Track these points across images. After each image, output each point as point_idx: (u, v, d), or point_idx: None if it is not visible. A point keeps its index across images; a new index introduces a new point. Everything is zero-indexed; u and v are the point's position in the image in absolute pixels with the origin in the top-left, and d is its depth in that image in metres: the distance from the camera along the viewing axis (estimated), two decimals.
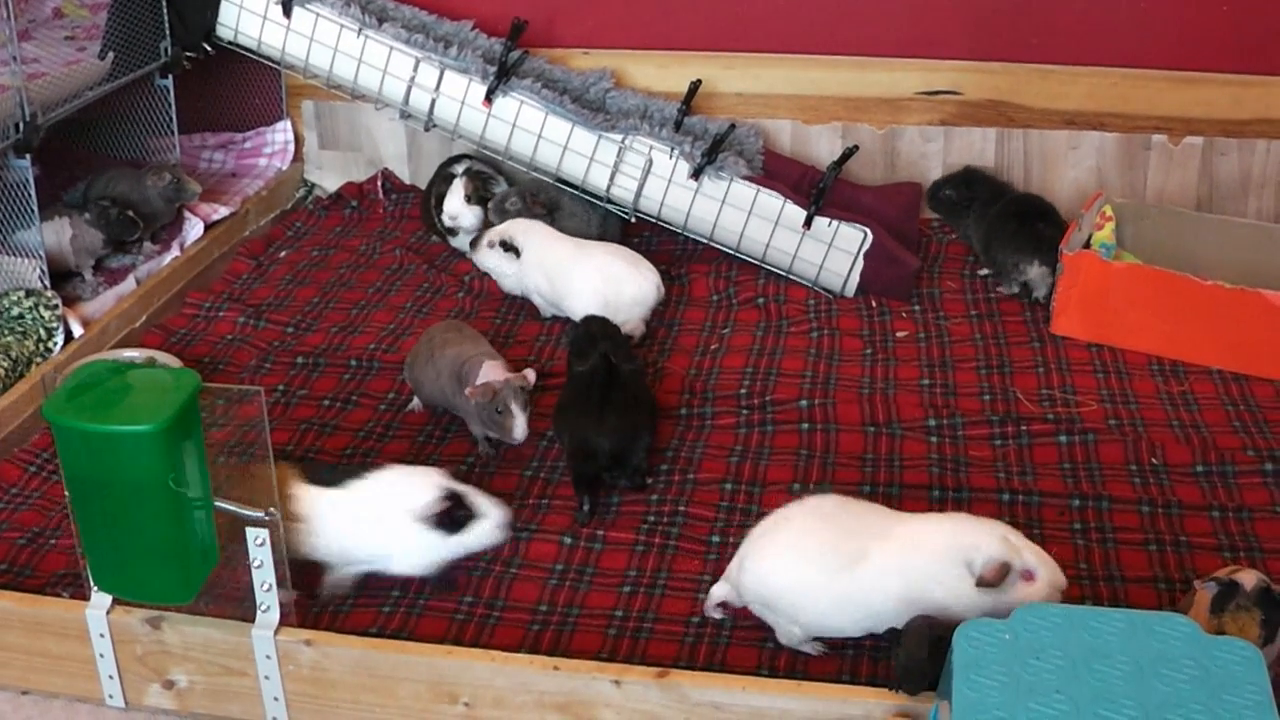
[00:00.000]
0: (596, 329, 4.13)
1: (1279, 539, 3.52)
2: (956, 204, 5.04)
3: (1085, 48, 5.12)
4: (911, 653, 2.76)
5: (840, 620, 3.08)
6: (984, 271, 4.89)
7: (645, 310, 4.56)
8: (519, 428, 3.73)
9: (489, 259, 4.73)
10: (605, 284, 4.51)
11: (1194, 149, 5.07)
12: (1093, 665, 2.39)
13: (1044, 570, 2.93)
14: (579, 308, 4.46)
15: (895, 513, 3.17)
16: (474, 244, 4.79)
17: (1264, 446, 3.86)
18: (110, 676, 3.18)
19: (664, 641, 3.25)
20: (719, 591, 3.28)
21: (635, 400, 3.82)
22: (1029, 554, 2.95)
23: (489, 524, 3.29)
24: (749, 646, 3.21)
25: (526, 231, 4.71)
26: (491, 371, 3.80)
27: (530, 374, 3.79)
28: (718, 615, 3.29)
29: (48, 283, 4.46)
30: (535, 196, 4.89)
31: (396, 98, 5.00)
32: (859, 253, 4.71)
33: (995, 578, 2.88)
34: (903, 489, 3.76)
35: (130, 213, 4.83)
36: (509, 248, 4.65)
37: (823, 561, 3.05)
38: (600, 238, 4.98)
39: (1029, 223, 4.77)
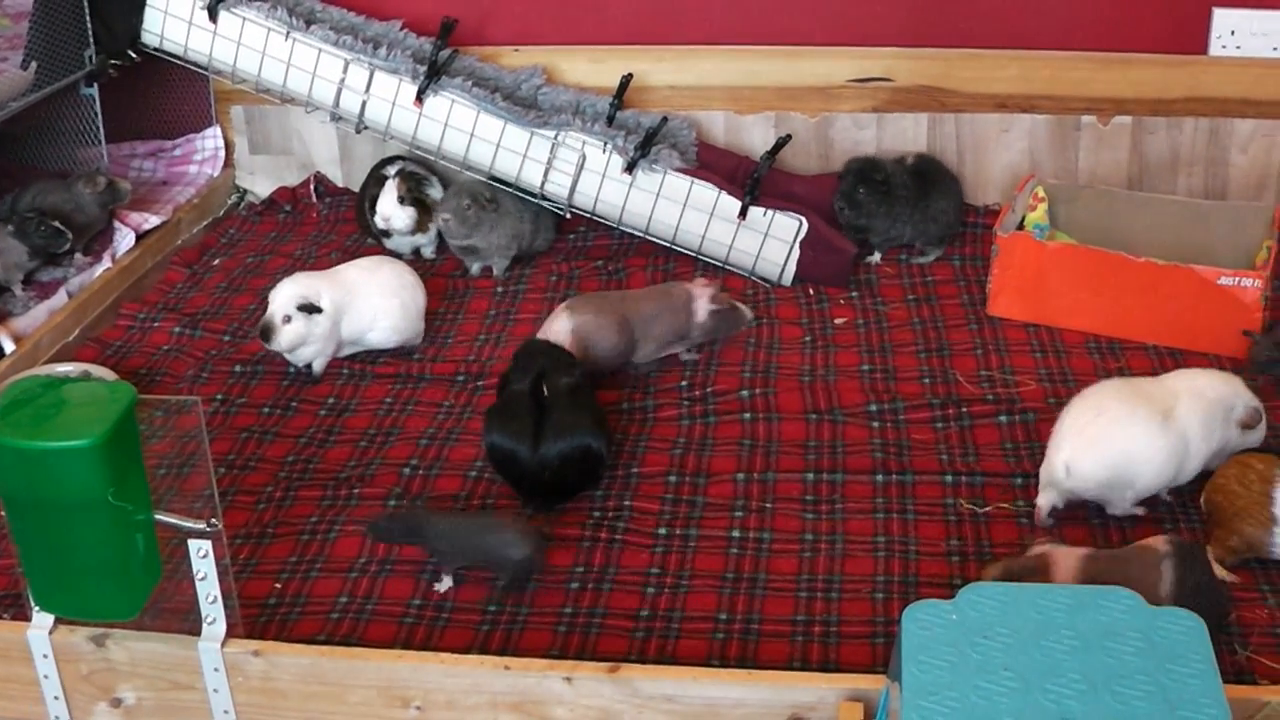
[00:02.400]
0: (538, 343, 4.04)
1: None
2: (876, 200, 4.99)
3: (1015, 31, 5.15)
4: None
5: (1166, 476, 3.49)
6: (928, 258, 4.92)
7: None
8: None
9: (290, 336, 4.24)
10: (408, 297, 4.48)
11: (1124, 129, 5.10)
12: (1040, 641, 2.40)
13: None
14: (386, 333, 4.45)
15: (1152, 377, 3.70)
16: (266, 337, 4.24)
17: None
18: (55, 697, 3.14)
19: (614, 636, 3.25)
20: (1046, 501, 3.51)
21: (573, 421, 3.74)
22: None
23: None
24: (699, 639, 3.21)
25: (316, 280, 4.41)
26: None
27: None
28: (1050, 523, 3.52)
29: None
30: (484, 196, 4.86)
31: (327, 100, 4.97)
32: (795, 241, 4.71)
33: (1254, 420, 3.54)
34: (846, 475, 3.77)
35: (57, 223, 4.77)
36: (312, 309, 4.27)
37: (1150, 426, 3.44)
38: (533, 235, 4.98)
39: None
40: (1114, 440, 3.44)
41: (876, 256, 4.91)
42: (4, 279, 4.70)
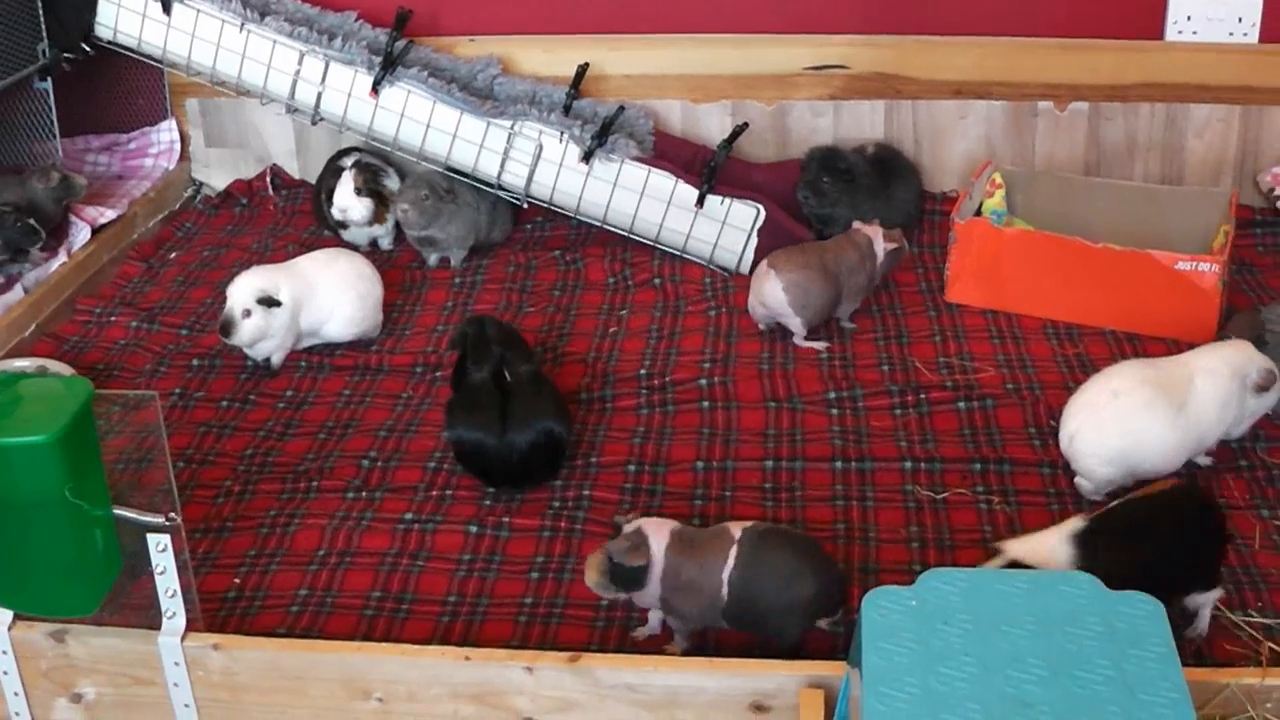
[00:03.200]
0: (492, 332, 3.96)
1: None
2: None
3: (970, 18, 5.16)
4: None
5: (1176, 462, 3.57)
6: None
7: None
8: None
9: (250, 331, 4.22)
10: (365, 289, 4.47)
11: (1080, 115, 5.12)
12: (1000, 627, 2.40)
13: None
14: (343, 325, 4.44)
15: (1172, 357, 3.75)
16: (226, 332, 4.21)
17: None
18: (15, 694, 3.13)
19: (575, 626, 3.25)
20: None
21: (537, 408, 3.73)
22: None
23: None
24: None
25: (275, 273, 4.38)
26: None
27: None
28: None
29: None
30: (442, 187, 4.84)
31: (282, 92, 4.95)
32: (753, 229, 4.72)
33: (1269, 382, 3.60)
34: (806, 462, 3.78)
35: (32, 220, 4.74)
36: (271, 302, 4.24)
37: (1162, 417, 3.50)
38: (490, 225, 4.98)
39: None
40: (1123, 427, 3.50)
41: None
42: None
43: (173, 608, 3.01)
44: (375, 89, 4.84)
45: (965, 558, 3.37)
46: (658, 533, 3.07)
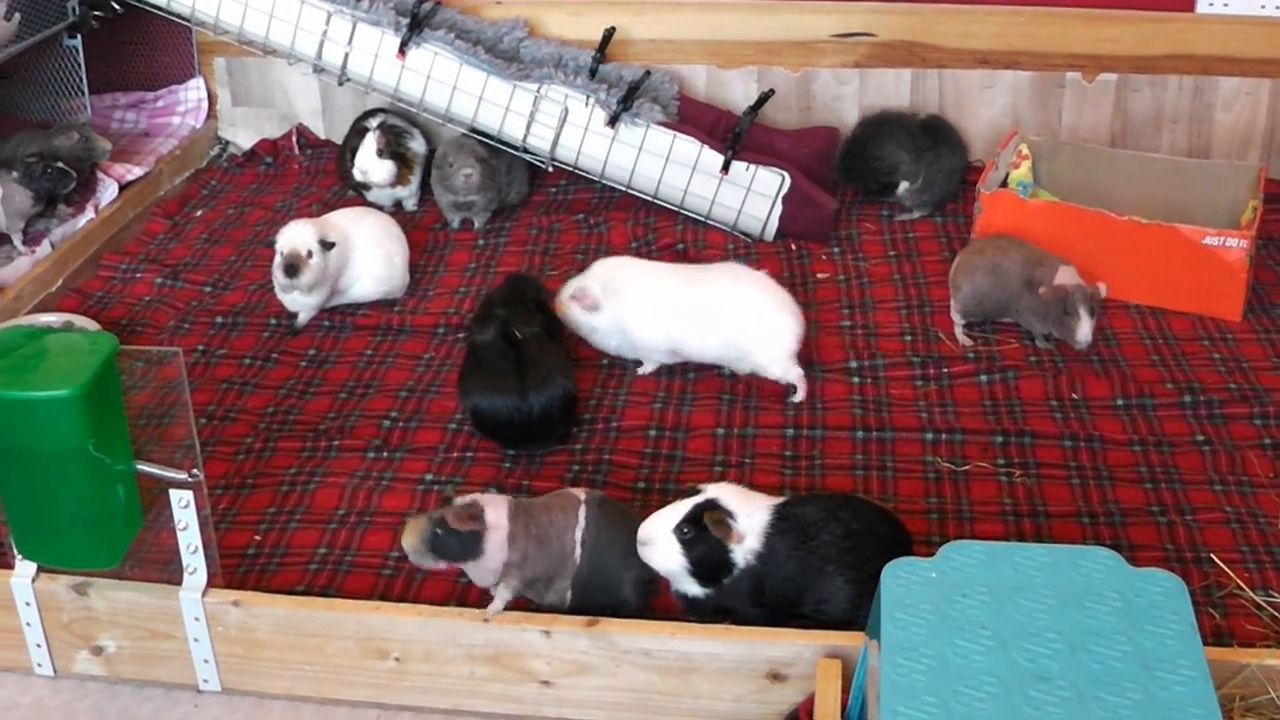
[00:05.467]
0: (499, 296, 4.01)
1: (1199, 470, 3.57)
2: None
3: None
4: None
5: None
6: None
7: None
8: (1083, 331, 3.97)
9: (314, 272, 4.23)
10: (393, 248, 4.51)
11: (1108, 86, 5.10)
12: (1018, 600, 2.41)
13: None
14: (371, 284, 4.46)
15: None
16: (294, 271, 4.19)
17: (1182, 379, 3.91)
18: (38, 645, 3.16)
19: None
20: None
21: (539, 370, 3.73)
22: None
23: None
24: None
25: (321, 223, 4.42)
26: (1067, 275, 4.04)
27: (1103, 286, 4.07)
28: None
29: None
30: (481, 150, 4.84)
31: (309, 52, 4.95)
32: (777, 196, 4.71)
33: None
34: (826, 430, 3.78)
35: (60, 164, 4.75)
36: (329, 245, 4.28)
37: None
38: (508, 187, 4.99)
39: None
40: None
41: (903, 185, 4.90)
42: (7, 227, 4.68)
43: (194, 563, 3.03)
44: (402, 50, 4.83)
45: (985, 530, 3.37)
46: (496, 505, 3.03)
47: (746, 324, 3.93)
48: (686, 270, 4.14)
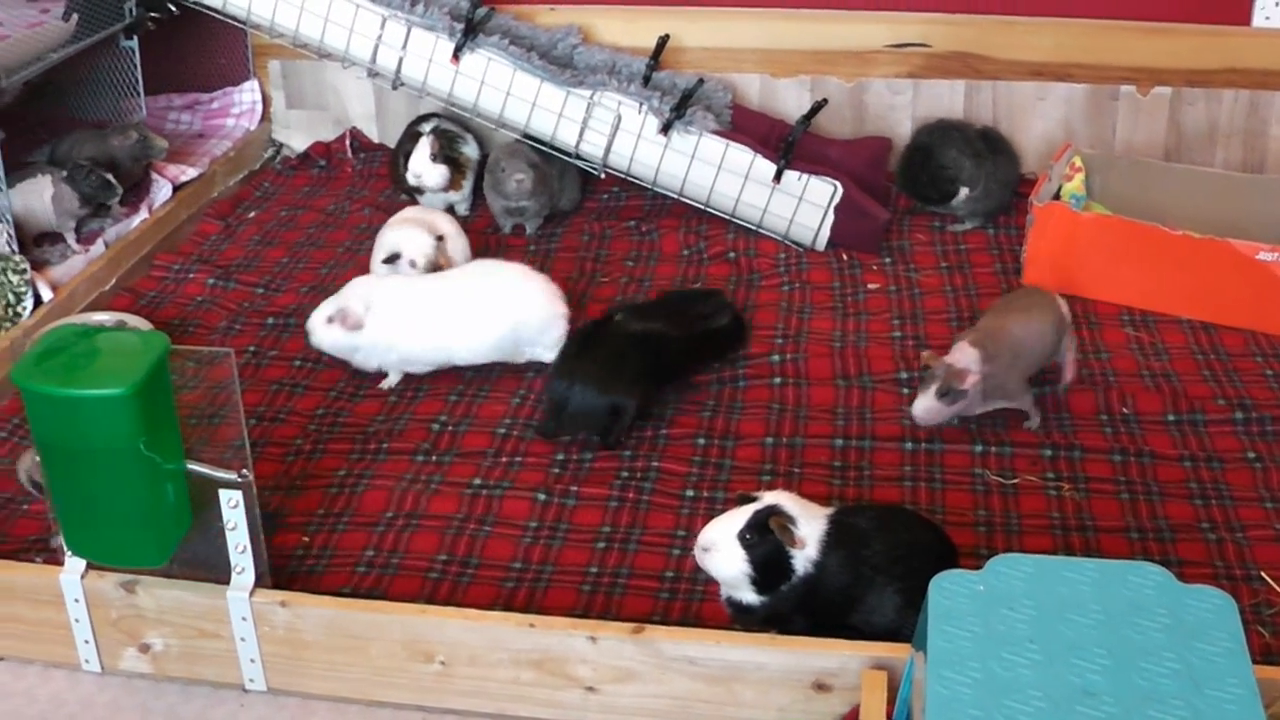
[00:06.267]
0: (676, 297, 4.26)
1: (1249, 487, 3.54)
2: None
3: None
4: None
5: None
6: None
7: None
8: (915, 403, 3.68)
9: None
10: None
11: (1162, 99, 5.07)
12: (1065, 615, 2.39)
13: None
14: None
15: None
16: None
17: (1234, 395, 3.89)
18: (86, 641, 3.18)
19: (639, 597, 3.27)
20: None
21: (607, 372, 3.78)
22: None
23: None
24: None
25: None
26: (955, 352, 3.68)
27: (971, 379, 3.61)
28: None
29: (15, 247, 4.43)
30: (533, 155, 4.86)
31: (364, 56, 4.97)
32: (829, 206, 4.70)
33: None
34: (875, 441, 3.77)
35: (109, 175, 4.79)
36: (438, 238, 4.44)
37: None
38: (560, 194, 5.02)
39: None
40: None
41: (963, 192, 4.88)
42: (59, 226, 4.72)
43: (242, 563, 3.04)
44: (456, 55, 4.85)
45: (1033, 544, 3.36)
46: None
47: (517, 315, 4.05)
48: (440, 277, 4.21)
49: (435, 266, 4.29)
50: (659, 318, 3.98)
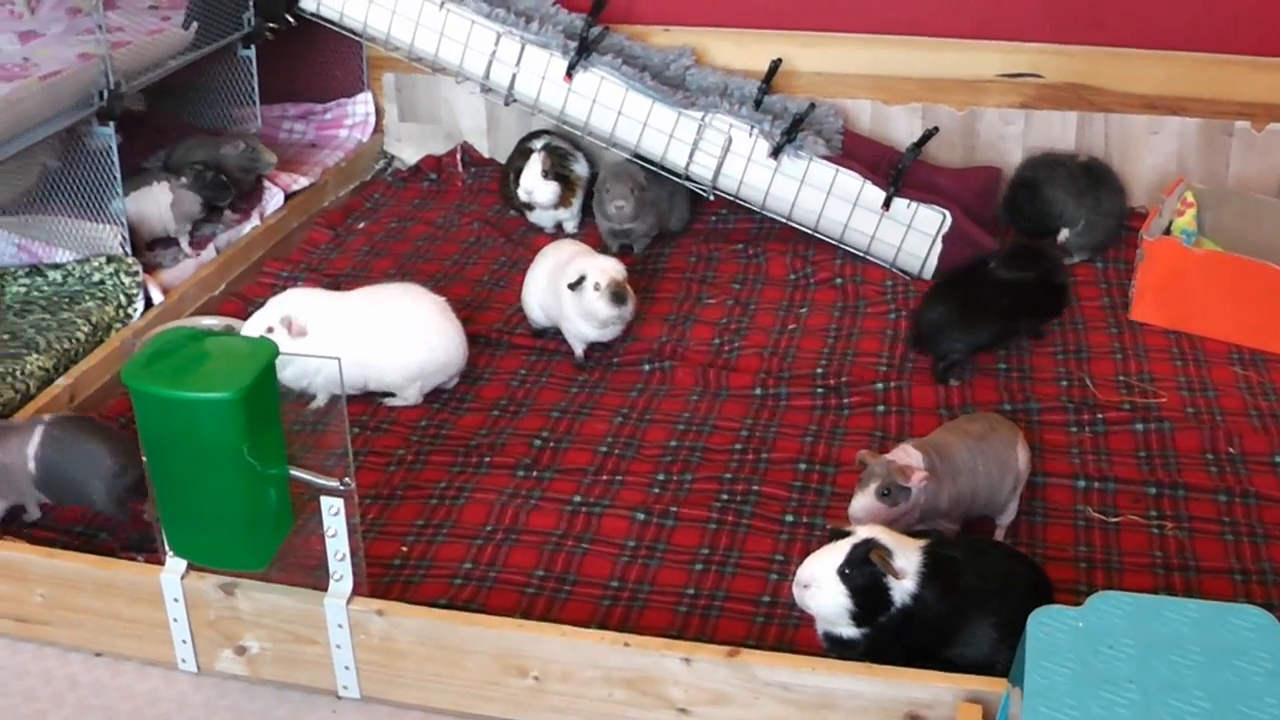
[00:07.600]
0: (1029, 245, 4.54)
1: None
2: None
3: (1164, 31, 5.07)
4: None
5: None
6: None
7: None
8: (853, 501, 3.29)
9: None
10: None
11: (1276, 136, 5.01)
12: (1165, 655, 2.37)
13: None
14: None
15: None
16: (622, 299, 4.19)
17: None
18: (183, 641, 3.21)
19: (734, 620, 3.26)
20: None
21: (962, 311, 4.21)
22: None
23: None
24: None
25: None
26: (898, 450, 3.37)
27: (917, 477, 3.26)
28: None
29: (129, 249, 4.50)
30: (641, 178, 4.88)
31: (477, 72, 5.01)
32: (938, 235, 4.68)
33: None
34: None
35: (223, 176, 4.87)
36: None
37: None
38: (669, 214, 5.04)
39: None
40: None
41: (1065, 233, 4.82)
42: (176, 230, 4.81)
43: (341, 570, 3.06)
44: (569, 73, 4.87)
45: (1133, 582, 3.32)
46: None
47: (426, 342, 4.06)
48: (362, 294, 4.16)
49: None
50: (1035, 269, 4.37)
